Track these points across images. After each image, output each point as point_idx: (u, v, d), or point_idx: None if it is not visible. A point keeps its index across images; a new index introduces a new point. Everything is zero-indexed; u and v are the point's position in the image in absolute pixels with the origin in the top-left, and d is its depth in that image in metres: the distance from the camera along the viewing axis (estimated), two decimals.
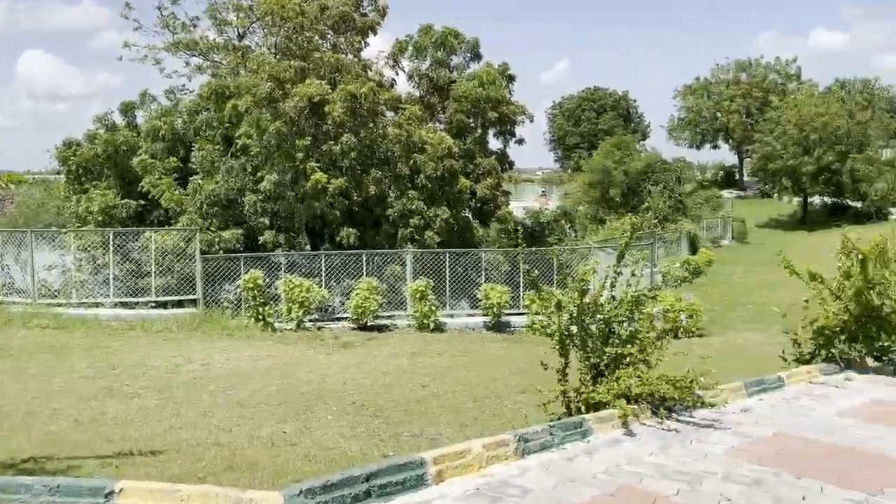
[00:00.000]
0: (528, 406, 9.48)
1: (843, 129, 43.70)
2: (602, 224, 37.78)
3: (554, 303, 6.93)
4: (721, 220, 42.56)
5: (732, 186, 62.75)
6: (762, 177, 49.70)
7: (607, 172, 38.35)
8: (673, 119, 67.57)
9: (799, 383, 8.73)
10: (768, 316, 21.07)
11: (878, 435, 6.71)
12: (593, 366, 7.12)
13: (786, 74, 63.01)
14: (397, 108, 25.28)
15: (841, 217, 46.47)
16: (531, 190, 62.54)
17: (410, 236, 21.96)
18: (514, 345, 15.68)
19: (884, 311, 9.16)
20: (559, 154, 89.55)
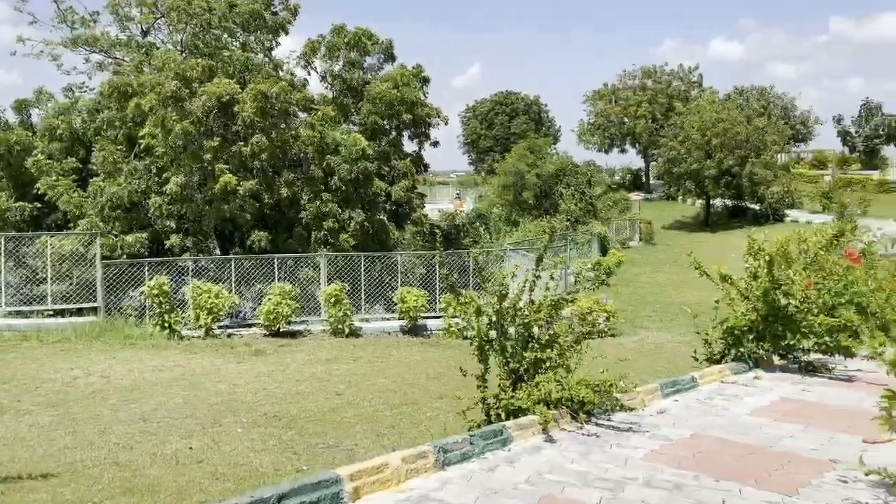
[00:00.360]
0: (447, 413, 9.33)
1: (742, 134, 45.56)
2: (516, 226, 38.12)
3: (473, 308, 6.78)
4: (629, 221, 43.68)
5: (639, 189, 64.53)
6: (667, 180, 51.29)
7: (521, 175, 38.75)
8: (583, 123, 69.12)
9: (711, 383, 8.88)
10: (676, 315, 21.69)
11: (789, 433, 6.84)
12: (513, 371, 7.01)
13: (688, 81, 65.34)
14: (310, 108, 24.79)
15: (741, 219, 48.50)
16: (446, 192, 62.67)
17: (324, 239, 21.53)
18: (430, 349, 15.53)
19: (789, 310, 9.42)
20: (473, 157, 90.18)
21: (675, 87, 64.70)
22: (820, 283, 9.69)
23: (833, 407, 7.92)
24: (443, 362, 13.63)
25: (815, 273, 9.93)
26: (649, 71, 66.15)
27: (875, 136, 62.12)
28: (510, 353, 7.01)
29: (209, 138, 20.00)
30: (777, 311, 9.48)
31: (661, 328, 19.29)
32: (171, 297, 15.89)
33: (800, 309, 9.44)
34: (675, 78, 65.54)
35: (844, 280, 9.71)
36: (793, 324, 9.44)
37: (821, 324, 9.32)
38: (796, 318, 9.42)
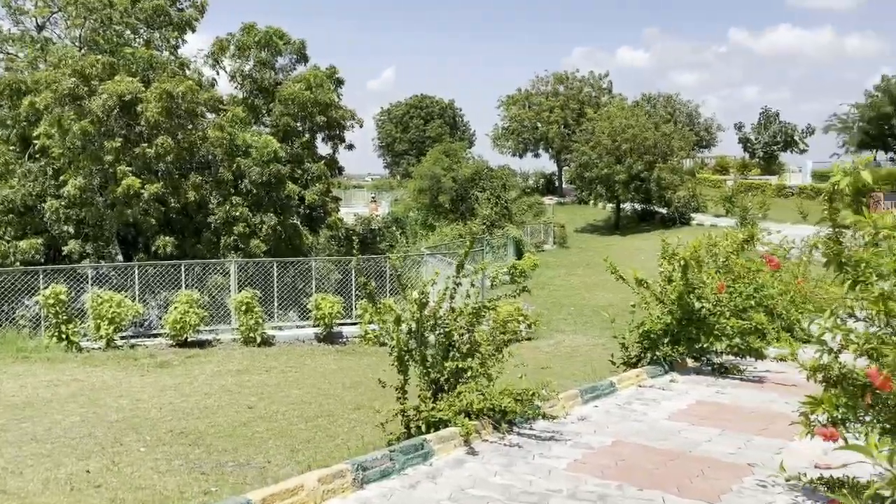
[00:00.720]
0: (365, 424, 9.02)
1: (650, 140, 46.83)
2: (432, 230, 38.01)
3: (392, 317, 6.52)
4: (543, 225, 44.21)
5: (553, 193, 65.61)
6: (579, 184, 52.23)
7: (437, 179, 38.68)
8: (497, 128, 69.69)
9: (629, 387, 8.90)
10: (590, 317, 21.96)
11: (707, 437, 6.88)
12: (433, 381, 6.79)
13: (599, 88, 66.83)
14: (219, 109, 24.00)
15: (649, 222, 49.84)
16: (361, 195, 62.15)
17: (234, 245, 20.83)
18: (347, 357, 15.15)
19: (702, 313, 9.56)
20: (388, 160, 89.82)
21: (587, 93, 66.05)
22: (731, 286, 9.87)
23: (747, 409, 8.04)
24: (359, 371, 13.30)
25: (725, 277, 10.11)
26: (561, 77, 67.34)
27: (773, 142, 65.12)
28: (430, 363, 6.79)
29: (110, 139, 19.03)
30: (691, 314, 9.60)
31: (576, 331, 19.46)
32: (69, 306, 14.94)
33: (712, 312, 9.59)
34: (587, 84, 66.92)
35: (755, 283, 9.93)
36: (706, 327, 9.59)
37: (732, 326, 9.49)
38: (709, 321, 9.57)
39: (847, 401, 4.36)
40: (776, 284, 10.90)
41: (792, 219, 43.53)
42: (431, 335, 6.82)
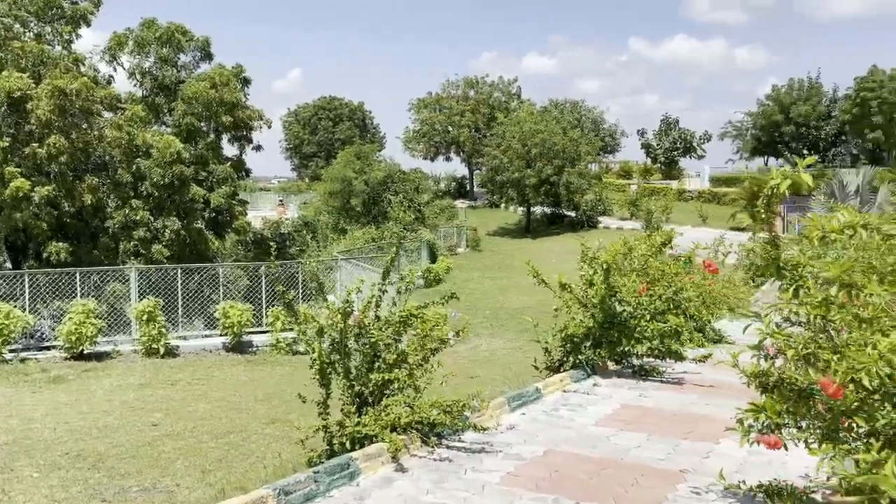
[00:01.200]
0: (281, 440, 8.55)
1: (559, 145, 47.57)
2: (344, 234, 37.37)
3: (314, 328, 6.13)
4: (456, 228, 44.23)
5: (464, 197, 65.81)
6: (491, 188, 52.56)
7: (348, 182, 38.05)
8: (408, 131, 69.50)
9: (554, 392, 8.78)
10: (506, 320, 21.99)
11: (636, 443, 6.78)
12: (357, 395, 6.44)
13: (508, 93, 67.57)
14: (116, 107, 22.80)
15: (559, 225, 50.66)
16: (269, 199, 60.66)
17: (135, 250, 19.78)
18: (258, 367, 14.53)
19: (624, 317, 9.55)
20: (296, 162, 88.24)
21: (496, 97, 66.67)
22: (651, 289, 9.90)
23: (670, 412, 8.02)
24: (272, 382, 12.75)
25: (644, 279, 10.15)
26: (472, 81, 67.73)
27: (674, 148, 67.47)
28: (354, 375, 6.43)
29: None
30: (613, 317, 9.58)
31: (493, 334, 19.38)
32: None
33: (633, 315, 9.59)
34: (496, 89, 67.55)
35: (674, 286, 9.99)
36: (627, 330, 9.58)
37: (653, 329, 9.51)
38: (630, 324, 9.57)
39: (788, 407, 4.27)
40: (691, 287, 11.02)
41: (692, 222, 45.05)
42: (355, 346, 6.47)
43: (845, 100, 61.41)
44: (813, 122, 64.91)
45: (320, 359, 6.19)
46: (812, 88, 66.44)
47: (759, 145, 69.12)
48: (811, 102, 65.09)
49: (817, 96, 65.91)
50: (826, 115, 65.41)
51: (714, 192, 55.49)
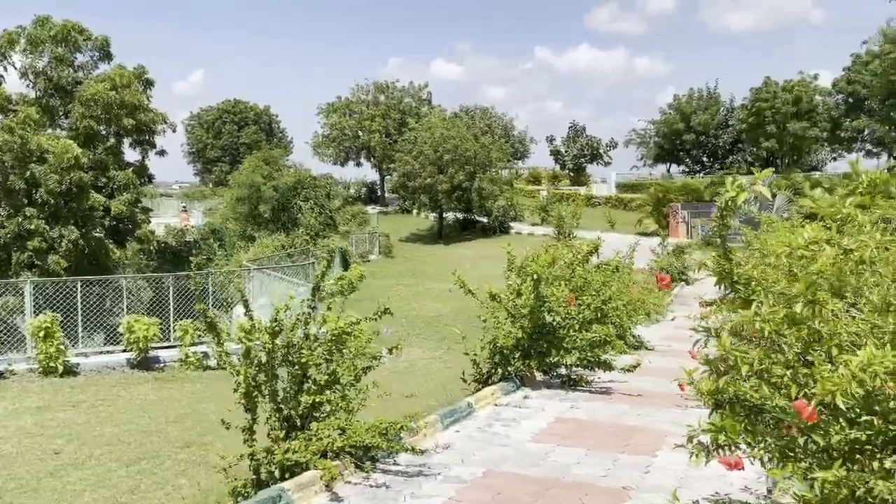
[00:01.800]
0: (198, 466, 8.01)
1: (470, 151, 47.78)
2: (252, 241, 36.27)
3: (242, 349, 5.69)
4: (368, 235, 43.73)
5: (375, 202, 65.31)
6: (403, 194, 52.29)
7: (256, 188, 36.91)
8: (317, 136, 68.32)
9: (486, 407, 8.57)
10: (423, 328, 21.79)
11: (575, 459, 6.64)
12: (286, 419, 6.03)
13: (419, 99, 67.42)
14: (7, 109, 21.32)
15: (471, 231, 50.87)
16: (171, 205, 58.40)
17: (29, 262, 18.49)
18: (167, 384, 13.74)
19: (553, 326, 9.44)
20: (199, 167, 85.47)
21: (407, 103, 66.43)
22: (580, 299, 9.84)
23: (604, 424, 7.94)
24: (183, 401, 12.05)
25: (571, 289, 10.08)
26: (382, 86, 67.27)
27: (581, 155, 68.96)
28: (283, 397, 6.03)
29: None
30: (542, 328, 9.46)
31: (410, 343, 19.06)
32: None
33: (562, 325, 9.50)
34: (407, 94, 67.32)
35: (602, 295, 9.97)
36: (557, 340, 9.48)
37: (582, 339, 9.44)
38: (559, 334, 9.47)
39: (746, 426, 4.16)
40: (618, 296, 11.04)
41: (601, 227, 45.99)
42: (283, 366, 6.06)
43: (741, 109, 64.25)
44: (712, 130, 67.65)
45: (246, 382, 5.75)
46: (711, 98, 69.25)
47: (662, 152, 71.50)
48: (710, 112, 67.82)
49: (716, 106, 68.73)
50: (724, 123, 68.29)
51: (620, 198, 56.98)
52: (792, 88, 59.31)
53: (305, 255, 32.74)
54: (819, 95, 60.70)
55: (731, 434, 4.08)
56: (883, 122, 51.21)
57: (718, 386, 4.41)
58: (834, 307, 3.75)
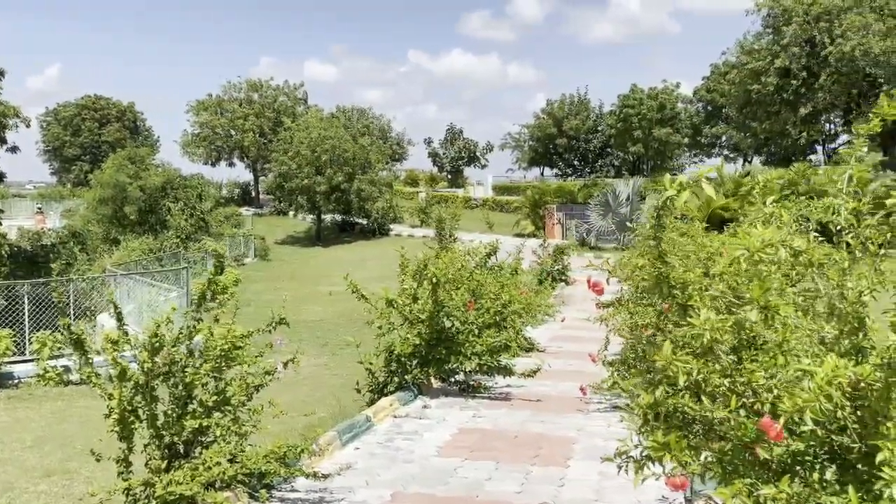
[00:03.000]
0: (60, 499, 7.06)
1: (349, 152, 47.02)
2: (117, 245, 34.07)
3: (117, 370, 4.95)
4: (243, 237, 42.15)
5: (249, 204, 63.12)
6: (279, 195, 50.79)
7: (122, 188, 34.68)
8: (187, 134, 65.26)
9: (385, 419, 8.09)
10: (305, 335, 20.98)
11: (486, 474, 6.28)
12: (167, 446, 5.32)
13: (294, 98, 65.76)
14: None
15: (350, 233, 50.08)
16: (25, 206, 54.05)
17: None
18: (22, 403, 12.36)
19: (451, 332, 9.08)
20: (56, 166, 79.94)
21: (282, 102, 64.63)
22: (479, 303, 9.52)
23: (510, 434, 7.64)
24: (42, 423, 10.82)
25: (470, 292, 9.76)
26: (255, 85, 65.08)
27: (459, 157, 69.60)
28: (164, 422, 5.31)
29: None
30: (440, 333, 9.08)
31: (293, 350, 18.32)
32: None
33: (461, 330, 9.16)
34: (282, 93, 65.51)
35: (502, 299, 9.70)
36: (456, 346, 9.12)
37: (482, 344, 9.13)
38: (458, 339, 9.12)
39: (690, 442, 3.89)
40: (517, 299, 10.83)
41: (480, 229, 46.42)
42: (164, 386, 5.35)
43: (610, 115, 66.81)
44: (583, 135, 69.96)
45: (120, 407, 5.01)
46: (581, 104, 71.60)
47: (536, 156, 73.26)
48: (581, 117, 70.12)
49: (586, 111, 71.13)
50: (594, 129, 70.78)
51: (497, 201, 57.78)
52: (656, 96, 62.23)
53: (177, 259, 31.04)
54: (681, 103, 64.04)
55: (676, 451, 3.81)
56: (739, 129, 54.64)
57: (656, 398, 4.15)
58: (788, 313, 3.55)
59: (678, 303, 4.14)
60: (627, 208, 35.37)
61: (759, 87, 45.32)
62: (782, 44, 44.00)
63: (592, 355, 9.64)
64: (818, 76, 42.80)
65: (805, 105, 44.17)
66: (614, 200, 35.69)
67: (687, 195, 3.81)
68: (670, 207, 4.06)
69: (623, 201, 35.56)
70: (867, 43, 37.79)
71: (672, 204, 3.98)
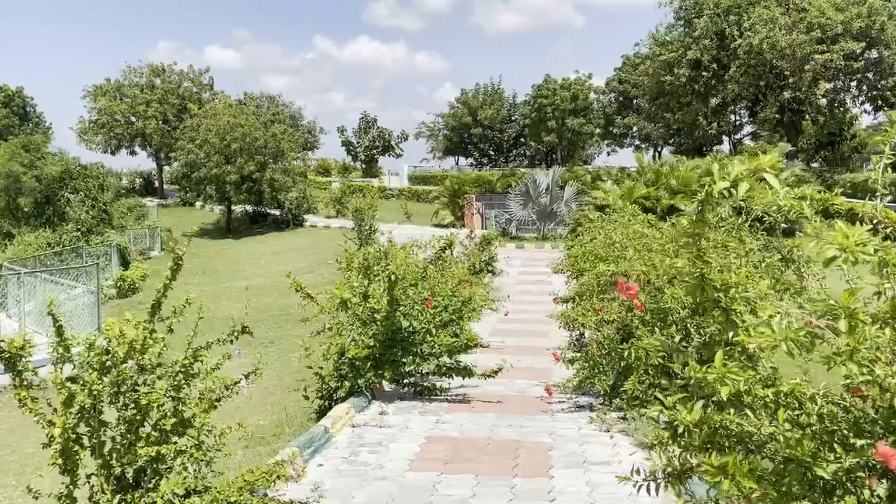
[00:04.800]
0: None
1: (260, 140, 45.47)
2: (11, 239, 31.72)
3: (63, 394, 4.18)
4: (149, 230, 40.15)
5: (152, 194, 60.33)
6: (186, 185, 48.66)
7: (15, 178, 32.27)
8: (84, 121, 61.66)
9: (343, 429, 7.48)
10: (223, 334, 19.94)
11: (469, 491, 5.78)
12: (118, 478, 4.58)
13: (200, 84, 63.11)
14: None
15: (262, 224, 48.55)
16: None
17: None
18: None
19: (408, 332, 8.53)
20: None
21: (187, 87, 61.94)
22: (437, 301, 8.99)
23: (481, 441, 7.17)
24: None
25: (429, 289, 9.23)
26: (157, 69, 62.07)
27: (373, 146, 68.57)
28: (113, 449, 4.57)
29: None
30: (396, 334, 8.51)
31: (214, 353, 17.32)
32: None
33: (417, 330, 8.62)
34: (186, 79, 62.76)
35: (461, 295, 9.20)
36: (412, 346, 8.57)
37: (441, 344, 8.62)
38: (415, 340, 8.58)
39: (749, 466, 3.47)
40: (475, 296, 10.33)
41: (398, 219, 45.84)
42: (112, 409, 4.61)
43: (524, 105, 67.23)
44: (497, 125, 70.19)
45: (65, 437, 4.25)
46: (495, 94, 71.81)
47: (451, 145, 73.07)
48: (495, 107, 70.31)
49: (500, 101, 71.39)
50: (508, 118, 71.13)
51: (414, 190, 57.22)
52: (570, 86, 63.03)
53: (78, 254, 29.15)
54: (593, 94, 65.10)
55: (738, 475, 3.40)
56: (651, 119, 56.00)
57: (702, 415, 3.72)
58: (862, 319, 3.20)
59: (722, 307, 3.73)
60: (547, 198, 35.50)
61: (672, 78, 46.47)
62: (694, 36, 45.23)
63: (556, 355, 9.32)
64: (728, 68, 44.20)
65: (715, 96, 45.58)
66: (534, 190, 35.73)
67: (745, 187, 3.40)
68: (713, 201, 3.65)
69: (543, 191, 35.65)
70: (774, 36, 39.23)
71: (720, 197, 3.55)
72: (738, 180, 3.48)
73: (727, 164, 3.71)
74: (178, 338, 5.32)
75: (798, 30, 39.41)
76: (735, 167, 3.50)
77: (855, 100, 47.01)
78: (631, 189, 26.72)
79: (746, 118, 51.61)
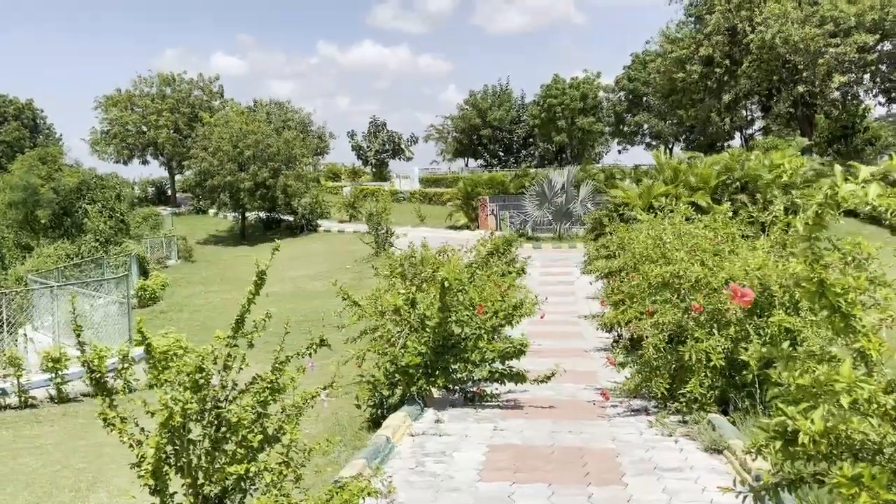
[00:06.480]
0: None
1: (273, 147, 45.49)
2: (30, 251, 31.79)
3: (163, 417, 4.11)
4: (165, 238, 40.21)
5: (165, 203, 60.49)
6: (199, 193, 48.69)
7: (33, 190, 32.34)
8: (96, 132, 61.84)
9: (403, 438, 7.41)
10: (255, 341, 19.89)
11: (548, 501, 5.70)
12: (206, 498, 4.52)
13: (210, 92, 63.26)
14: None
15: (276, 230, 48.52)
16: None
17: None
18: None
19: (460, 338, 8.45)
20: None
21: (197, 96, 62.07)
22: (487, 307, 8.91)
23: (545, 449, 7.08)
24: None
25: (479, 295, 9.14)
26: (168, 78, 62.21)
27: (383, 150, 68.57)
28: (198, 467, 4.51)
29: None
30: (447, 341, 8.43)
31: (256, 360, 17.27)
32: None
33: (469, 337, 8.53)
34: (196, 87, 62.88)
35: (510, 300, 9.12)
36: (464, 353, 8.49)
37: (493, 350, 8.53)
38: (467, 346, 8.49)
39: None
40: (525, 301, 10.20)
41: (412, 222, 45.72)
42: (198, 427, 4.55)
43: (533, 105, 67.08)
44: (507, 126, 70.08)
45: (157, 457, 4.20)
46: (504, 94, 71.70)
47: (461, 147, 73.01)
48: (504, 108, 70.20)
49: (508, 102, 71.27)
50: (517, 119, 71.01)
51: (426, 193, 57.17)
52: (579, 85, 62.89)
53: (98, 265, 29.20)
54: (603, 92, 64.92)
55: (876, 487, 3.29)
56: (662, 117, 55.77)
57: (826, 426, 3.61)
58: None
59: (842, 312, 3.63)
60: (563, 197, 35.39)
61: (684, 75, 46.30)
62: (705, 32, 45.05)
63: (610, 359, 9.23)
64: (740, 64, 44.01)
65: (728, 92, 45.37)
66: (550, 190, 35.62)
67: (877, 189, 3.29)
68: (834, 203, 3.55)
69: (559, 191, 35.54)
70: (786, 31, 39.03)
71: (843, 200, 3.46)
72: (866, 182, 3.39)
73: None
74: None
75: (811, 23, 39.21)
76: (863, 170, 3.41)
77: (868, 92, 46.77)
78: (650, 187, 26.48)
79: (758, 113, 51.38)
